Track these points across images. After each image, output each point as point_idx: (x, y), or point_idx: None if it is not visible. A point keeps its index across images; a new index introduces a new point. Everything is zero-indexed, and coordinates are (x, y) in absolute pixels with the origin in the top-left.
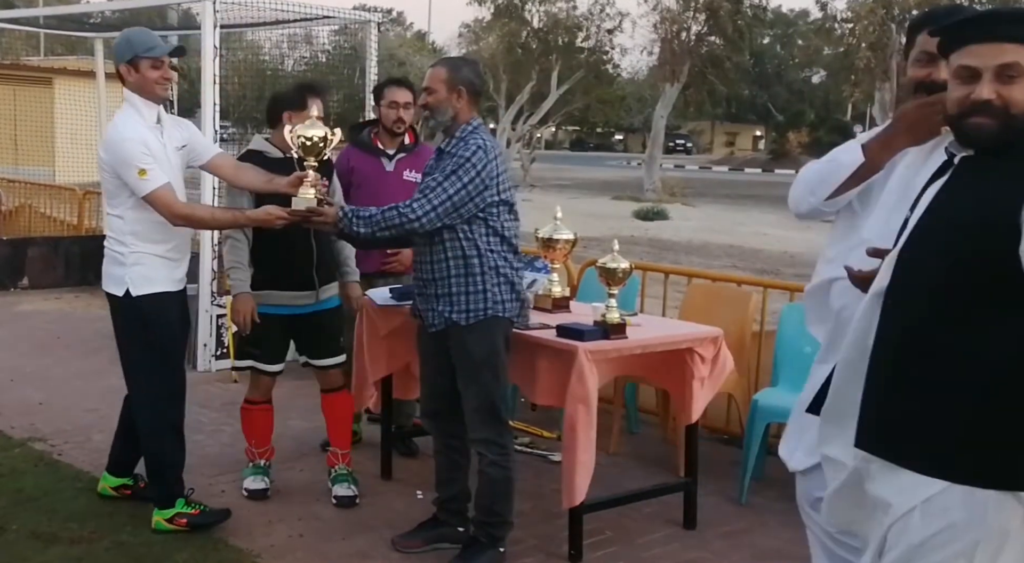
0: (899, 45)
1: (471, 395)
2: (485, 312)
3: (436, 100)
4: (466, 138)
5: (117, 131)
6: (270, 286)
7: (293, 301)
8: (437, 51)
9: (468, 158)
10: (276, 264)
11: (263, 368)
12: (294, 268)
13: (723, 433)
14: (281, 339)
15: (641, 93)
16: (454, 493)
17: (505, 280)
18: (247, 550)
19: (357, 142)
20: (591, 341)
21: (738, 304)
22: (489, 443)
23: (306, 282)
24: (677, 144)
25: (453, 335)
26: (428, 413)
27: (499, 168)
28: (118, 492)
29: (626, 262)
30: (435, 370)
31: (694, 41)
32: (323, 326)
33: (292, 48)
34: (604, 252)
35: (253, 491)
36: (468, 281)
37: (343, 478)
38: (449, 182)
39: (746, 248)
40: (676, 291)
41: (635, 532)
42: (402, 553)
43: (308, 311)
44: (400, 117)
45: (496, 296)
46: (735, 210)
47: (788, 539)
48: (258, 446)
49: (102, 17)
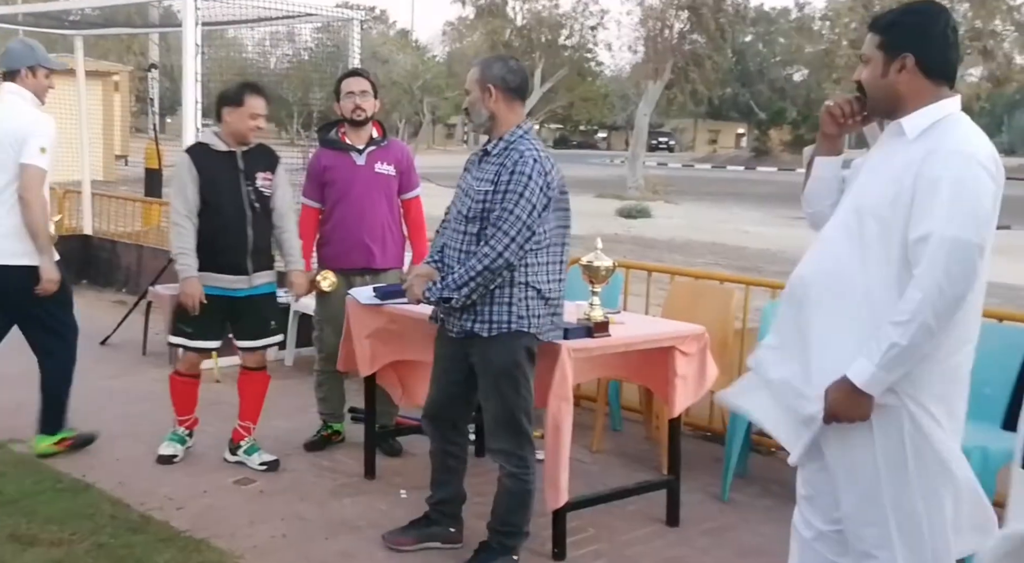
0: None
1: (491, 406)
2: (508, 325)
3: (471, 101)
4: (518, 145)
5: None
6: (205, 268)
7: (226, 284)
8: (420, 49)
9: (531, 176)
10: (214, 249)
11: (192, 345)
12: (229, 253)
13: (706, 430)
14: (215, 319)
15: (624, 91)
16: (448, 495)
17: (537, 294)
18: (230, 551)
19: (327, 141)
20: (575, 339)
21: (720, 302)
22: (509, 454)
23: (240, 267)
24: (660, 142)
25: (474, 345)
26: (430, 415)
27: (556, 177)
28: (60, 445)
29: (609, 260)
30: (446, 375)
31: (677, 39)
32: (256, 310)
33: (275, 46)
34: (588, 250)
35: (161, 456)
36: (495, 292)
37: (256, 448)
38: (520, 208)
39: (728, 246)
40: (659, 289)
41: (618, 530)
42: (392, 550)
43: (242, 295)
44: (358, 105)
45: (522, 310)
46: (718, 208)
47: (770, 535)
48: (180, 414)
49: (82, 14)
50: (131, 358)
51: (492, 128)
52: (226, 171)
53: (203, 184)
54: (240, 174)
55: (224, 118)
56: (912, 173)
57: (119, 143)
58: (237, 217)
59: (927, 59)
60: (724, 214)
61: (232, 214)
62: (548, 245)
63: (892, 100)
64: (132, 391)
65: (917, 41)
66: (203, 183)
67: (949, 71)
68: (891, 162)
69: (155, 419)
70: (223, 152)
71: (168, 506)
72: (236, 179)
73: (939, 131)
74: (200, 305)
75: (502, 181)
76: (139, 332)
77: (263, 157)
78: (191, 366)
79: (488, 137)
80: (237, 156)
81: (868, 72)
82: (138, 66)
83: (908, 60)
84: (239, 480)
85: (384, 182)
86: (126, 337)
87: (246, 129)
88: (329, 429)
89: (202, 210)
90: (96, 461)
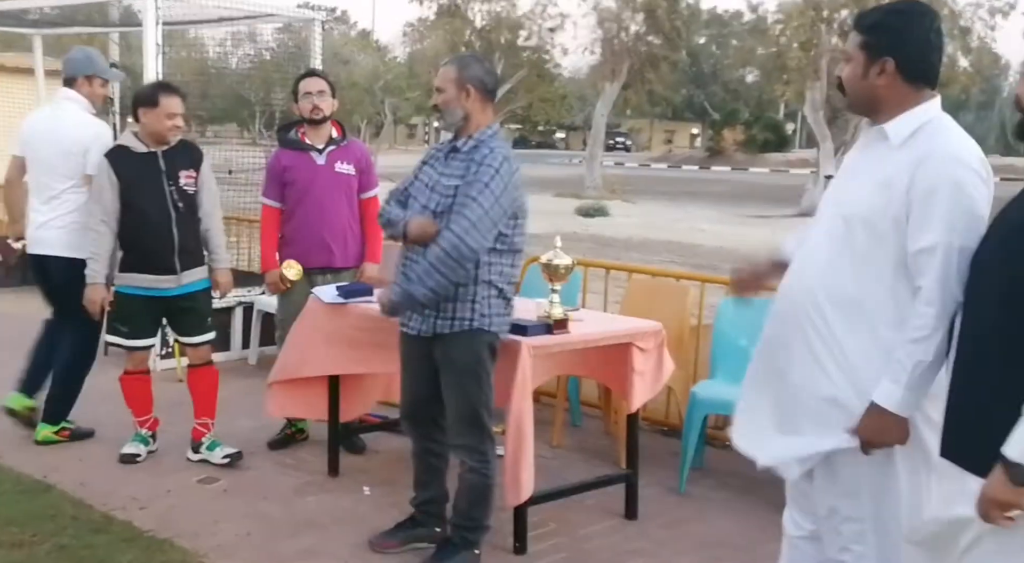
0: (829, 45)
1: (453, 402)
2: (471, 323)
3: (445, 100)
4: (488, 143)
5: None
6: (134, 269)
7: (155, 284)
8: (381, 50)
9: (498, 169)
10: (140, 251)
11: (128, 344)
12: (156, 254)
13: (663, 425)
14: (147, 317)
15: (582, 92)
16: (432, 496)
17: (499, 294)
18: (193, 550)
19: (286, 142)
20: (535, 336)
21: (677, 299)
22: (470, 450)
23: (168, 267)
24: (617, 142)
25: (436, 342)
26: (408, 416)
27: (519, 178)
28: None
29: (568, 258)
30: (415, 375)
31: (633, 41)
32: (190, 308)
33: (236, 46)
34: (547, 248)
35: (123, 454)
36: (458, 289)
37: (217, 443)
38: (484, 197)
39: (684, 244)
40: (617, 286)
41: (578, 524)
42: (379, 553)
43: (172, 294)
44: (316, 105)
45: (485, 308)
46: (673, 206)
47: (727, 527)
48: (139, 415)
49: (40, 13)
50: None
51: (464, 128)
52: (147, 172)
53: (124, 187)
54: (162, 174)
55: (141, 119)
56: (904, 182)
57: None
58: (161, 217)
59: (908, 63)
60: (680, 213)
61: (156, 215)
62: (515, 250)
63: (871, 102)
64: (93, 391)
65: (898, 44)
66: (123, 186)
67: (930, 75)
68: (877, 168)
69: (117, 419)
70: (143, 153)
71: (131, 506)
72: (158, 179)
73: (926, 136)
74: (131, 305)
75: (469, 173)
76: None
77: (185, 155)
78: (138, 363)
79: (455, 135)
80: (158, 156)
81: (849, 71)
82: None
83: (888, 64)
84: (203, 479)
85: (344, 181)
86: None
87: (163, 129)
88: (293, 427)
89: (126, 213)
90: (57, 462)
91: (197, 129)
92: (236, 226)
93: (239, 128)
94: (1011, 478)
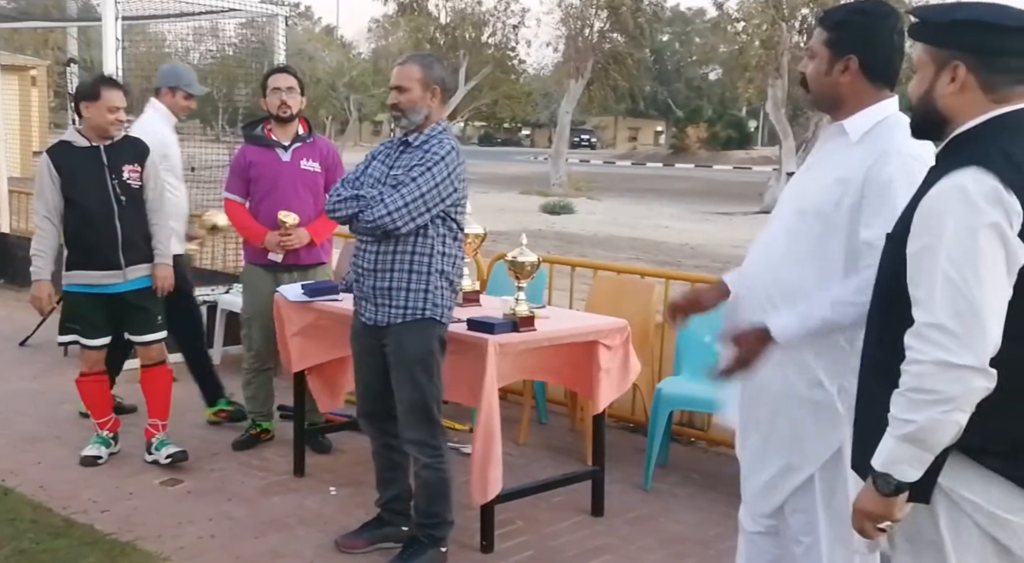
0: (790, 42)
1: (405, 395)
2: (423, 312)
3: (410, 100)
4: (438, 137)
5: None
6: (79, 266)
7: (101, 281)
8: (345, 46)
9: (443, 157)
10: (83, 246)
11: (84, 343)
12: (100, 250)
13: (628, 422)
14: (97, 315)
15: (547, 89)
16: (396, 493)
17: (448, 285)
18: (156, 553)
19: (251, 138)
20: (501, 334)
21: (642, 296)
22: (422, 445)
23: (112, 263)
24: (582, 139)
25: (389, 333)
26: (364, 414)
27: (464, 171)
28: (218, 416)
29: (534, 256)
30: (370, 370)
31: (597, 38)
32: (138, 305)
33: (198, 41)
34: (513, 246)
35: (84, 456)
36: (411, 278)
37: (165, 442)
38: (423, 179)
39: (648, 241)
40: (583, 283)
41: (545, 521)
42: (346, 554)
43: (119, 290)
44: (284, 101)
45: (436, 299)
46: (638, 203)
47: (691, 523)
48: (98, 417)
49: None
50: (52, 359)
51: (420, 126)
52: (89, 167)
53: (65, 182)
54: (104, 168)
55: (83, 113)
56: (860, 176)
57: (37, 139)
58: (104, 212)
59: (871, 62)
60: (644, 210)
61: (98, 209)
62: (460, 242)
63: (834, 98)
64: (53, 392)
65: (863, 43)
66: (65, 181)
67: (891, 75)
68: (834, 163)
69: (77, 421)
70: (85, 148)
71: (92, 509)
72: (100, 174)
73: (883, 132)
74: (80, 303)
75: (416, 159)
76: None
77: (129, 150)
78: (93, 364)
79: (406, 129)
80: (100, 150)
81: (813, 67)
82: (56, 61)
83: (852, 62)
84: (165, 481)
85: (310, 179)
86: (47, 337)
87: (106, 123)
88: (258, 427)
89: (69, 208)
90: (16, 465)
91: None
92: (199, 224)
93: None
94: (878, 488)
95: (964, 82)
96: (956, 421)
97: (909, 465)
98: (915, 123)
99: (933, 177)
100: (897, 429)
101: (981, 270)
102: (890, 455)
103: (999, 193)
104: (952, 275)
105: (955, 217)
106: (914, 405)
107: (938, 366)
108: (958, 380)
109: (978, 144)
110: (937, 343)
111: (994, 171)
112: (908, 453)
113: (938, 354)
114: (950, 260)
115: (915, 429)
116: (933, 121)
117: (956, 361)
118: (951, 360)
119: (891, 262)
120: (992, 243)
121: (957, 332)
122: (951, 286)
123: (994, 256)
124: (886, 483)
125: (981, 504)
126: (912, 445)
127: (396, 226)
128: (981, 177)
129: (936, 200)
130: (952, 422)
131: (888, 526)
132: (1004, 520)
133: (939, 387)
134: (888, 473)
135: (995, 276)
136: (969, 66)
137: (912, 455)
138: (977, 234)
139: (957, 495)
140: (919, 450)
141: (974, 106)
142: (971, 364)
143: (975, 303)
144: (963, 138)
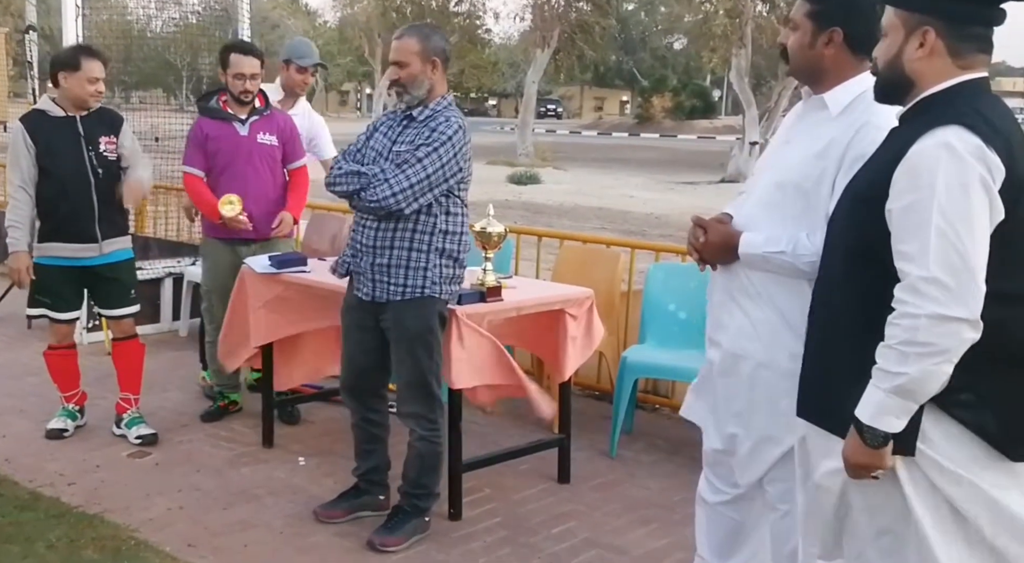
0: (754, 12)
1: (404, 370)
2: (423, 290)
3: (410, 74)
4: (444, 112)
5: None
6: (54, 238)
7: (76, 253)
8: (311, 14)
9: (450, 137)
10: (59, 218)
11: (54, 316)
12: (76, 222)
13: (594, 390)
14: (70, 289)
15: (513, 58)
16: (375, 464)
17: (452, 262)
18: (124, 525)
19: (207, 110)
20: (468, 304)
21: (607, 265)
22: (420, 418)
23: (89, 235)
24: (548, 109)
25: (387, 310)
26: (349, 387)
27: (470, 149)
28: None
29: (501, 226)
30: (357, 345)
31: (563, 6)
32: (112, 278)
33: (161, 9)
34: (480, 216)
35: (50, 429)
36: (411, 256)
37: (137, 421)
38: (429, 160)
39: (614, 210)
40: (549, 253)
41: (512, 488)
42: (324, 523)
43: (95, 263)
44: (247, 89)
45: (435, 276)
46: (603, 173)
47: (656, 489)
48: (65, 390)
49: None
50: (15, 332)
51: (424, 100)
52: (65, 137)
53: (40, 152)
54: (81, 139)
55: (61, 84)
56: (840, 149)
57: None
58: (80, 184)
59: (855, 34)
60: (610, 179)
61: (75, 181)
62: (464, 217)
63: (816, 71)
64: (17, 365)
65: (846, 16)
66: (40, 151)
67: (873, 46)
68: (814, 137)
69: (42, 394)
70: (61, 118)
71: (59, 482)
72: (77, 145)
73: (863, 106)
74: (52, 276)
75: (422, 136)
76: (22, 305)
77: (105, 121)
78: (62, 337)
79: (409, 105)
80: (76, 121)
81: (795, 39)
82: (15, 28)
83: (836, 35)
84: (133, 453)
85: (268, 152)
86: (9, 310)
87: (85, 94)
88: (225, 399)
89: (43, 179)
90: None
91: (121, 95)
92: (165, 195)
93: (165, 94)
94: (865, 441)
95: (933, 47)
96: (946, 372)
97: (895, 417)
98: (879, 86)
99: (906, 136)
100: (885, 382)
101: (974, 224)
102: (878, 407)
103: (983, 151)
104: (945, 229)
105: (945, 172)
106: (905, 358)
107: (932, 319)
108: (952, 333)
109: (955, 105)
110: (932, 297)
111: (976, 131)
112: (896, 405)
113: (933, 308)
114: (942, 214)
115: (906, 381)
116: (899, 84)
117: (950, 314)
118: (946, 313)
119: (862, 221)
120: (980, 198)
121: (951, 285)
122: (944, 240)
123: (982, 211)
124: (874, 436)
125: (938, 460)
126: (900, 397)
127: (400, 207)
128: (965, 135)
129: (923, 157)
130: (942, 373)
131: (880, 473)
132: (957, 476)
133: (932, 340)
134: (874, 426)
135: (983, 231)
136: (939, 31)
137: (900, 407)
138: (968, 189)
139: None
140: (906, 402)
141: (941, 71)
142: (964, 317)
143: (967, 257)
144: (933, 100)
